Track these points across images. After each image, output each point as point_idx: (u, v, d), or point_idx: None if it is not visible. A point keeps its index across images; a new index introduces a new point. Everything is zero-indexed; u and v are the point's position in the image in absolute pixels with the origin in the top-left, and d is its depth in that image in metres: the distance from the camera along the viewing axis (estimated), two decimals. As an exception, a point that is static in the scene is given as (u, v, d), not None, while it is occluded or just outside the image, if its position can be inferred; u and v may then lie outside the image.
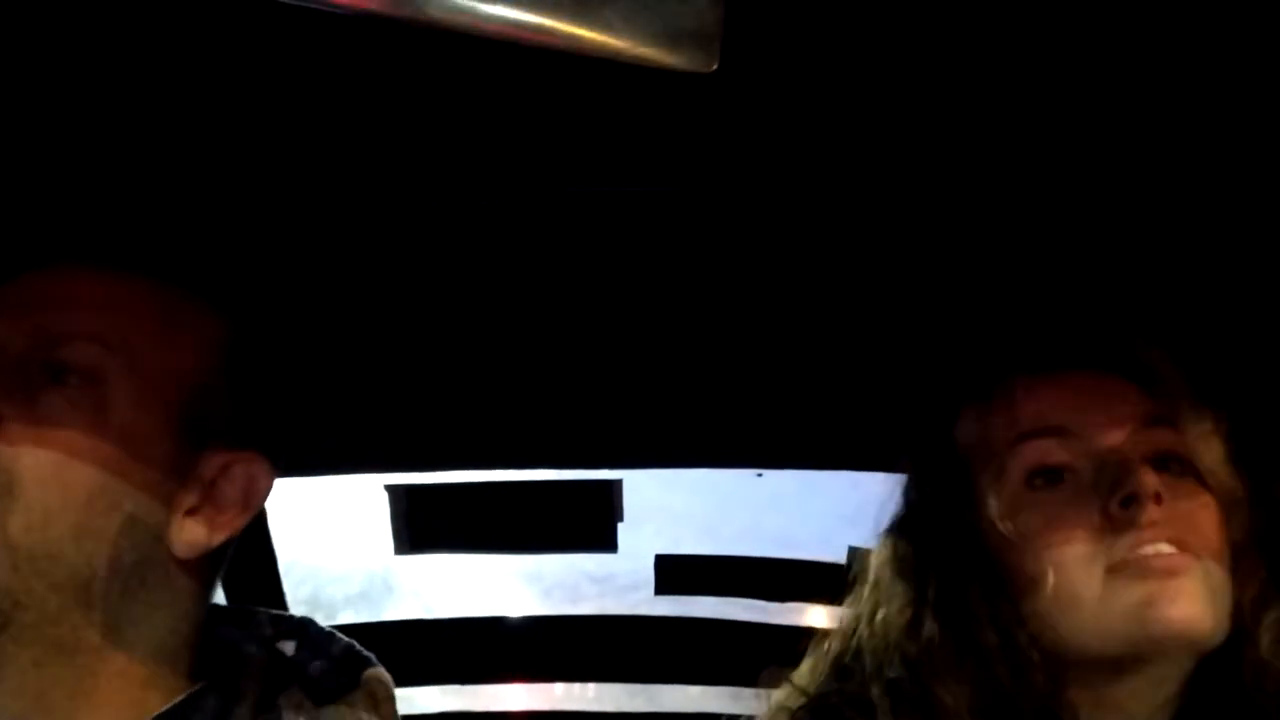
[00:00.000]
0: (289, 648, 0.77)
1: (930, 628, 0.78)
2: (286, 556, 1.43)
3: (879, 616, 0.81)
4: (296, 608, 1.52)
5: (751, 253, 0.95)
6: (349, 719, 0.75)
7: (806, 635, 0.90)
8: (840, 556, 1.54)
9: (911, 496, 0.87)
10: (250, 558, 1.37)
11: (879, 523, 0.87)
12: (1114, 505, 0.75)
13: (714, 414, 1.24)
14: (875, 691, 0.78)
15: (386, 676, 0.78)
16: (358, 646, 0.79)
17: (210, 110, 0.77)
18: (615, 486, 1.60)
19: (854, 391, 1.16)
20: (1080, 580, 0.76)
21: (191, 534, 0.72)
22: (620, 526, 1.61)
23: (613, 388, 1.19)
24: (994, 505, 0.80)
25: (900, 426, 1.18)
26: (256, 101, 0.76)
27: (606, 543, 1.61)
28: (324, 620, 0.85)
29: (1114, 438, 0.79)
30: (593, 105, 0.75)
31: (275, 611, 0.81)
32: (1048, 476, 0.79)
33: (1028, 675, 0.76)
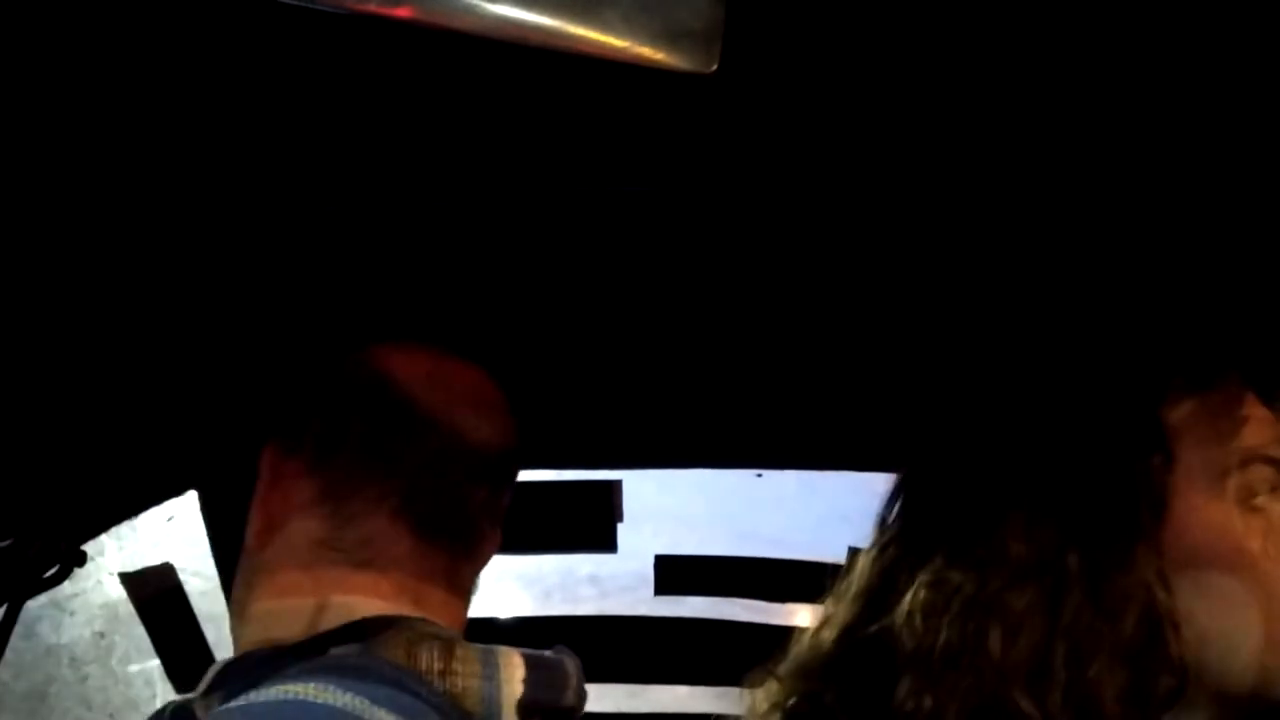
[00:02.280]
0: None
1: (1077, 600, 0.67)
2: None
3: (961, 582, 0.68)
4: (297, 608, 1.52)
5: (751, 253, 0.95)
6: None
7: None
8: (840, 557, 1.54)
9: (1071, 459, 0.73)
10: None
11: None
12: None
13: (714, 414, 1.24)
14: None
15: None
16: None
17: (210, 109, 0.77)
18: (615, 487, 1.60)
19: (854, 391, 1.16)
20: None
21: None
22: (620, 527, 1.60)
23: (612, 388, 1.19)
24: (1199, 505, 0.70)
25: (899, 427, 1.18)
26: (254, 100, 0.76)
27: (606, 543, 1.61)
28: (324, 621, 0.85)
29: None
30: (590, 105, 0.75)
31: None
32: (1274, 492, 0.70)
33: (1159, 677, 0.66)
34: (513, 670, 0.79)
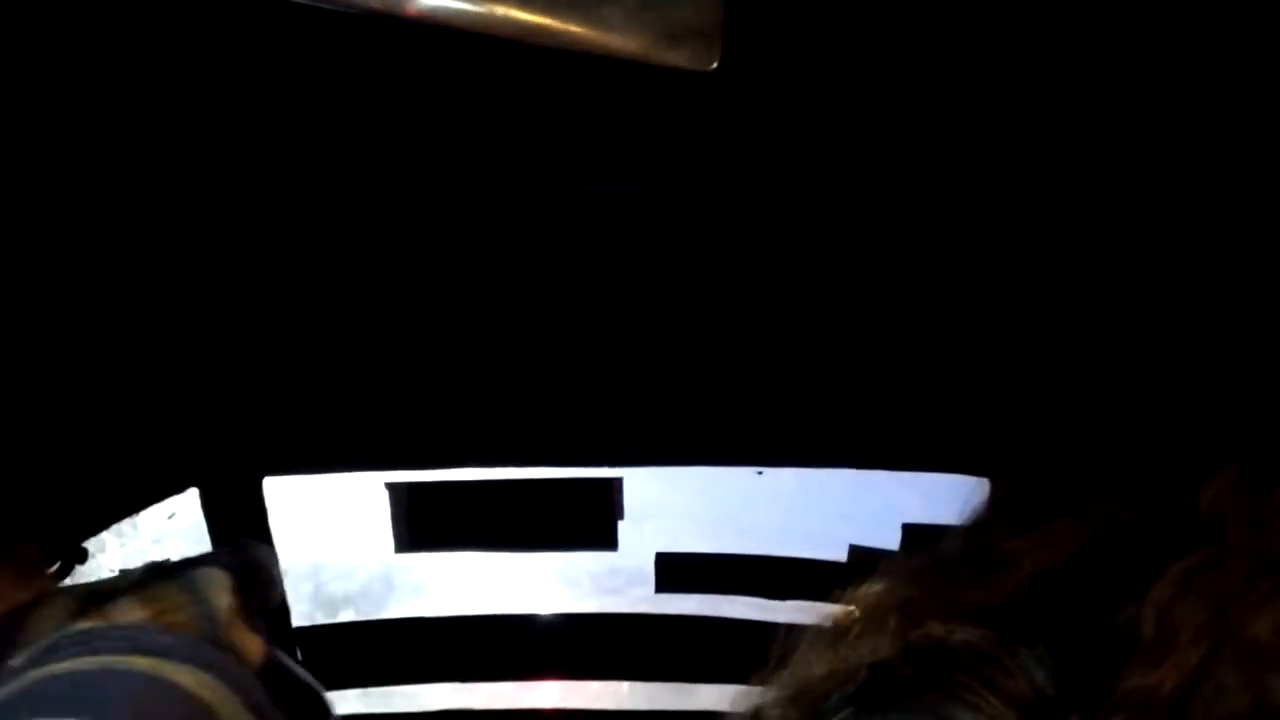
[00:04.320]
0: None
1: None
2: (288, 554, 1.43)
3: None
4: (298, 605, 1.52)
5: (751, 251, 0.95)
6: None
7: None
8: (841, 554, 1.55)
9: None
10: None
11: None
12: None
13: (714, 412, 1.24)
14: None
15: None
16: None
17: (213, 109, 0.77)
18: (616, 484, 1.60)
19: (854, 389, 1.16)
20: None
21: None
22: (621, 524, 1.60)
23: (613, 386, 1.19)
24: None
25: (898, 425, 1.18)
26: (257, 99, 0.76)
27: (607, 541, 1.61)
28: (325, 618, 0.86)
29: None
30: (592, 104, 0.75)
31: None
32: None
33: None
34: (220, 590, 0.78)
